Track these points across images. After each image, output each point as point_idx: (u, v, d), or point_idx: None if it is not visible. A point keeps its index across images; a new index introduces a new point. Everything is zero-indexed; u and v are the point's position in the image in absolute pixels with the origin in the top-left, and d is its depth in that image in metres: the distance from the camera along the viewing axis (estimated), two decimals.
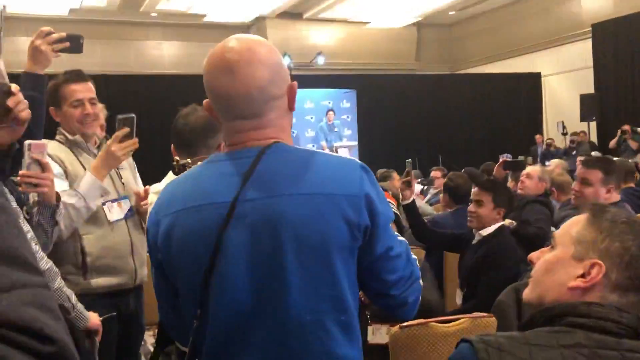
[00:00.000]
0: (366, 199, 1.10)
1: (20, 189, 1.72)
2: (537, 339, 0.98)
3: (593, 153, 8.49)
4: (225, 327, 1.11)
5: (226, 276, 1.08)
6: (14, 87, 1.24)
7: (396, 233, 1.20)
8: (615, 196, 2.72)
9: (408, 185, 3.16)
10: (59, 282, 1.67)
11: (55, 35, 1.83)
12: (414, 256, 1.22)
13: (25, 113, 1.28)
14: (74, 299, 1.73)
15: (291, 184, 1.09)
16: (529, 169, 4.00)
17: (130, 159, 2.40)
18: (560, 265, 1.07)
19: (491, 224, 2.89)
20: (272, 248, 1.07)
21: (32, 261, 0.52)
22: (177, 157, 1.75)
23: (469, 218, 2.94)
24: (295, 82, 1.17)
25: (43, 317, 0.48)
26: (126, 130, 2.00)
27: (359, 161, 1.16)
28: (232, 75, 1.10)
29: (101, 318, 1.85)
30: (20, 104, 1.26)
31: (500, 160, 4.72)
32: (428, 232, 3.18)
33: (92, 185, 1.99)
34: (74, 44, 1.86)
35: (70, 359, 0.48)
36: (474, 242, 2.93)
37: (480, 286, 2.71)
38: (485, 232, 2.88)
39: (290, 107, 1.18)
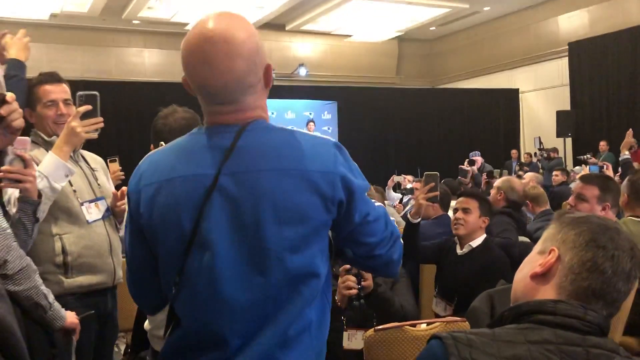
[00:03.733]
0: (341, 176, 1.16)
1: (1, 185, 1.69)
2: (505, 335, 1.01)
3: (577, 168, 8.62)
4: (205, 295, 1.14)
5: (207, 245, 1.12)
6: (9, 95, 1.25)
7: (373, 200, 1.26)
8: (611, 215, 2.57)
9: (433, 200, 2.83)
10: (36, 280, 1.64)
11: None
12: (392, 218, 1.29)
13: (18, 122, 1.29)
14: (51, 297, 1.70)
15: (270, 160, 1.14)
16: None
17: (103, 164, 2.39)
18: (528, 262, 1.13)
19: (477, 232, 2.90)
20: (252, 219, 1.12)
21: None
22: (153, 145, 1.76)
23: (455, 226, 2.92)
24: (270, 64, 1.21)
25: None
26: (88, 107, 1.97)
27: (333, 140, 1.23)
28: (209, 67, 1.13)
29: (79, 317, 1.83)
30: (14, 112, 1.27)
31: (471, 160, 4.76)
32: (419, 252, 2.97)
33: (54, 164, 1.94)
34: None
35: (10, 338, 0.48)
36: (460, 252, 2.91)
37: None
38: (474, 243, 2.88)
39: (267, 85, 1.22)
